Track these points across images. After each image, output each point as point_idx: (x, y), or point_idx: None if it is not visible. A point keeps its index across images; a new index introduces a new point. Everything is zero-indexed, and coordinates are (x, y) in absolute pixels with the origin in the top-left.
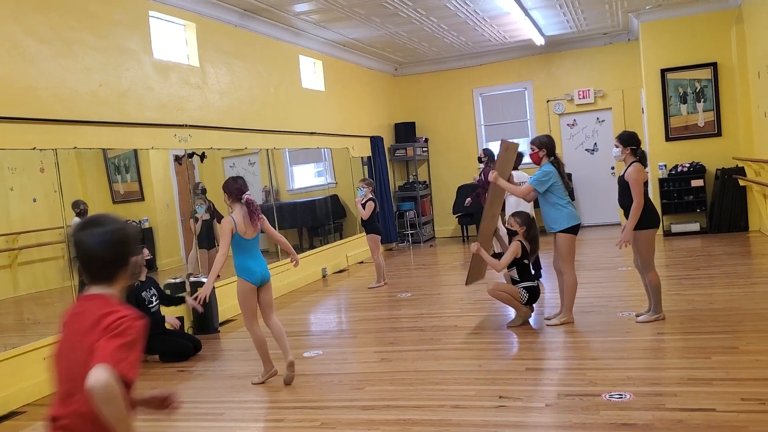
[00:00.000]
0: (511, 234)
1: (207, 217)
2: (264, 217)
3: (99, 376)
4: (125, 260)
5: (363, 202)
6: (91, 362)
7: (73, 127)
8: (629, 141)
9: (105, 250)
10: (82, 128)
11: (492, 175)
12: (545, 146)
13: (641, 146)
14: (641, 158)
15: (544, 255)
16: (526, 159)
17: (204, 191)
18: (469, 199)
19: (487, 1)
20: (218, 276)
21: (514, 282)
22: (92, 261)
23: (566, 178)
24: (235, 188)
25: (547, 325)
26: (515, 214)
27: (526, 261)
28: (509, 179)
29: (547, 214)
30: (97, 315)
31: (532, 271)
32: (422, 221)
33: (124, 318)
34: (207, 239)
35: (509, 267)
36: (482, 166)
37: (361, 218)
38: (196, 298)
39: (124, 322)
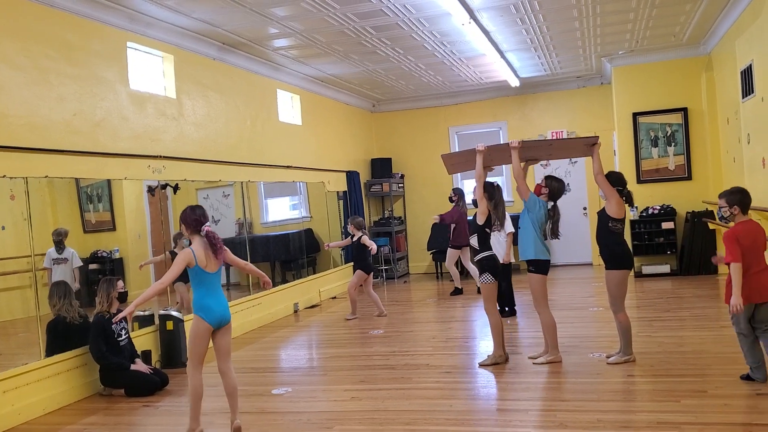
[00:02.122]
0: (476, 205)
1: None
2: (227, 248)
3: None
4: None
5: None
6: None
7: (45, 156)
8: (616, 182)
9: None
10: (55, 157)
11: (516, 142)
12: (550, 188)
13: (626, 187)
14: (627, 199)
15: (519, 293)
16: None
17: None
18: (437, 217)
19: (463, 43)
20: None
21: (474, 252)
22: None
23: (556, 225)
24: (193, 219)
25: (534, 363)
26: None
27: (488, 230)
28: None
29: (522, 240)
30: None
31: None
32: (397, 257)
33: None
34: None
35: (471, 234)
36: (453, 205)
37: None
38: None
39: None
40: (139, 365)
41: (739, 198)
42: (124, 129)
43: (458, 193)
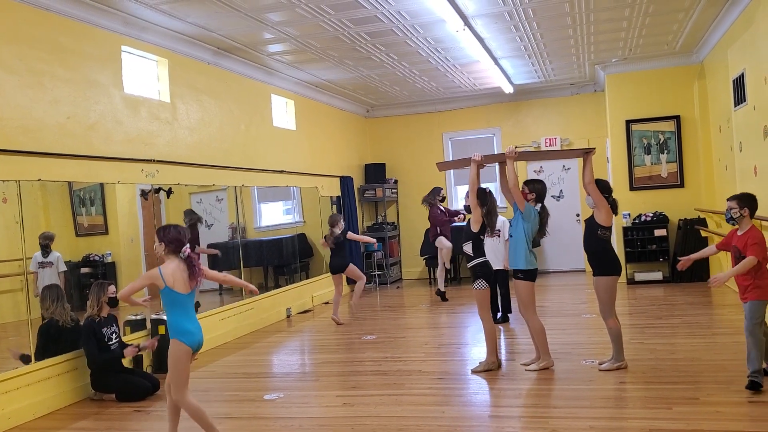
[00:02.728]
0: (470, 211)
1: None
2: (204, 268)
3: None
4: None
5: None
6: None
7: (38, 159)
8: (603, 190)
9: None
10: (48, 160)
11: (511, 150)
12: (536, 192)
13: (612, 194)
14: (613, 206)
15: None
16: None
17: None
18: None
19: (458, 49)
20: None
21: (468, 258)
22: None
23: (545, 227)
24: (175, 239)
25: (526, 370)
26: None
27: (482, 237)
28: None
29: (513, 250)
30: None
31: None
32: (390, 262)
33: None
34: None
35: (464, 241)
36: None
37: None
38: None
39: None
40: (130, 351)
41: (750, 202)
42: (118, 132)
43: (432, 193)
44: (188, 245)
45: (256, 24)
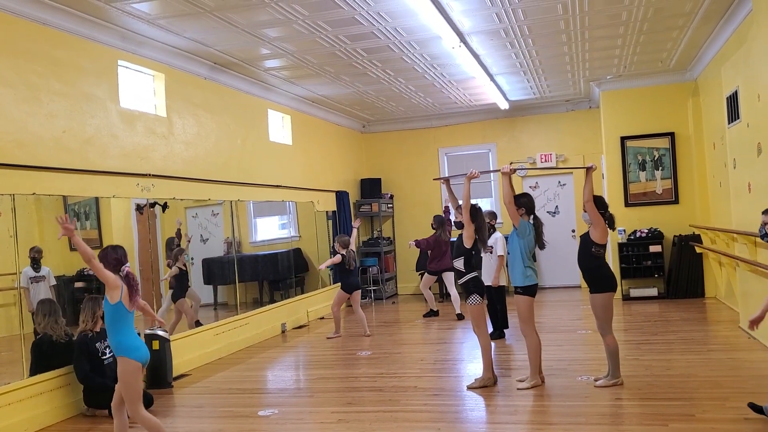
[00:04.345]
0: (459, 227)
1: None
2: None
3: None
4: None
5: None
6: None
7: (33, 173)
8: (599, 207)
9: None
10: (43, 174)
11: (507, 168)
12: (524, 206)
13: (608, 210)
14: (609, 221)
15: (512, 315)
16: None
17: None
18: (413, 243)
19: (453, 66)
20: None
21: (459, 274)
22: None
23: (542, 238)
24: (113, 258)
25: (518, 389)
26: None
27: (474, 252)
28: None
29: (511, 266)
30: None
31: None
32: (385, 277)
33: None
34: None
35: (456, 257)
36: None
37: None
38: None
39: None
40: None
41: None
42: (114, 147)
43: (439, 222)
44: (128, 264)
45: (253, 39)
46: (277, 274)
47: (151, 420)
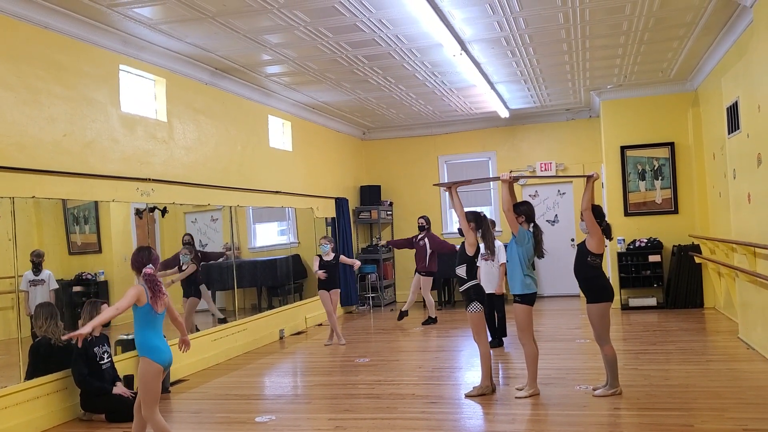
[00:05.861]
0: (460, 234)
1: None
2: (167, 294)
3: None
4: None
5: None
6: None
7: (32, 176)
8: (595, 215)
9: None
10: (43, 177)
11: (507, 176)
12: (524, 214)
13: (605, 219)
14: (606, 230)
15: (511, 324)
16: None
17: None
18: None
19: (454, 73)
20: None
21: (461, 282)
22: None
23: (541, 246)
24: (136, 261)
25: (516, 398)
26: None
27: (476, 260)
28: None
29: (510, 274)
30: None
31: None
32: (384, 285)
33: None
34: (189, 288)
35: (458, 264)
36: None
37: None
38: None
39: None
40: (119, 389)
41: None
42: (114, 151)
43: (427, 220)
44: (150, 266)
45: (255, 45)
46: (276, 280)
47: (163, 425)
